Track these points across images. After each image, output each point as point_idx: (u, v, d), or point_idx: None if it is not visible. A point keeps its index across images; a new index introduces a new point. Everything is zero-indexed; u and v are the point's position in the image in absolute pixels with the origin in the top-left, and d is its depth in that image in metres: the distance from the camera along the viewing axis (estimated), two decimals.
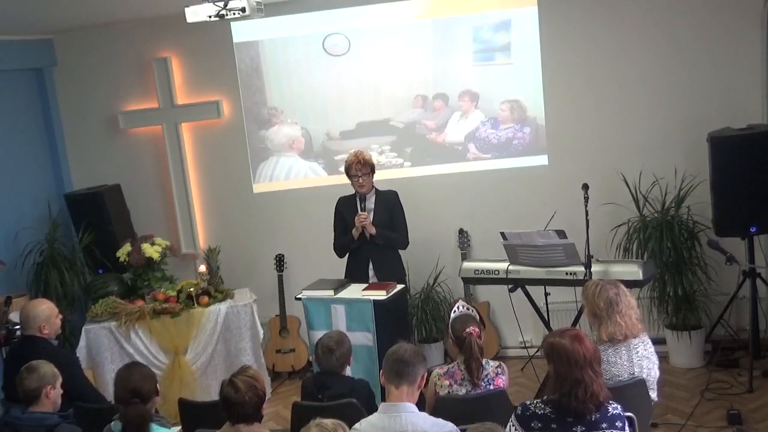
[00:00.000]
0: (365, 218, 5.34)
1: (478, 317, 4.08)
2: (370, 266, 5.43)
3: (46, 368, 3.81)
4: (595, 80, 6.13)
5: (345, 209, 5.52)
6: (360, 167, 5.35)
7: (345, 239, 5.48)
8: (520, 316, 5.64)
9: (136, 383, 3.60)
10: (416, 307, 6.30)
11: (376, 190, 5.51)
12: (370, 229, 5.35)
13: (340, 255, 5.58)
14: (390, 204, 5.48)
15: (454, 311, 4.09)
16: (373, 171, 5.44)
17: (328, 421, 2.81)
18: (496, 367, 3.92)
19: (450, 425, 3.28)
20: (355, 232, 5.38)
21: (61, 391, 3.88)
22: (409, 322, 5.94)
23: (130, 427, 3.42)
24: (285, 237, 6.74)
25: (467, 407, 3.74)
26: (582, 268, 5.02)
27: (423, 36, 6.37)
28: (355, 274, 5.44)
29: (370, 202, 5.46)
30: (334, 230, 5.59)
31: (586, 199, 5.11)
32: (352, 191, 5.60)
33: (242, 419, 3.29)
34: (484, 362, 3.87)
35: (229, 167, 6.82)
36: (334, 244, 5.58)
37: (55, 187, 6.93)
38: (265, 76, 6.64)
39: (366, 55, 6.46)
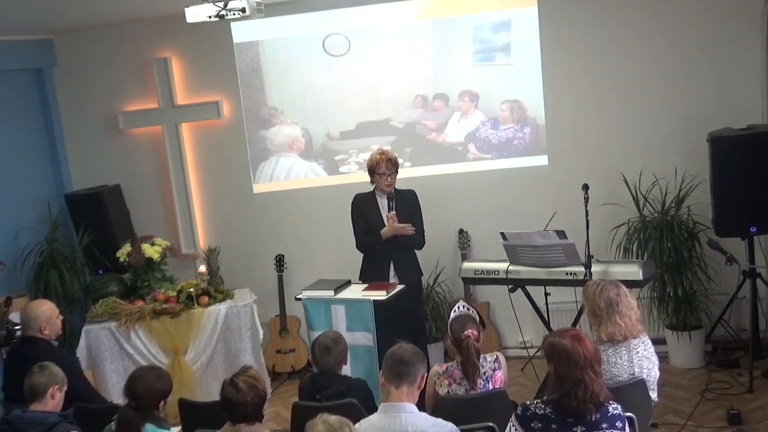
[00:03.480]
0: (393, 218, 5.29)
1: (478, 318, 4.08)
2: (391, 267, 5.39)
3: (57, 370, 3.85)
4: (595, 80, 6.13)
5: (365, 207, 5.46)
6: (390, 165, 5.33)
7: (372, 239, 5.40)
8: (520, 316, 5.65)
9: (137, 389, 3.63)
10: None
11: (396, 189, 5.47)
12: (406, 231, 5.31)
13: (366, 251, 5.52)
14: (410, 203, 5.46)
15: (454, 311, 4.08)
16: (398, 170, 5.43)
17: (334, 418, 2.82)
18: (493, 362, 3.91)
19: (450, 425, 3.28)
20: (387, 232, 5.32)
21: (64, 393, 3.88)
22: (425, 323, 5.94)
23: (120, 428, 3.55)
24: (285, 237, 6.74)
25: (467, 407, 3.74)
26: (582, 269, 5.02)
27: (423, 36, 6.37)
28: (374, 275, 5.37)
29: (392, 202, 5.41)
30: (355, 229, 5.52)
31: (586, 199, 5.11)
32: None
33: (243, 419, 3.30)
34: (481, 360, 3.87)
35: (229, 167, 6.82)
36: (357, 243, 5.50)
37: (55, 187, 6.93)
38: (265, 76, 6.64)
39: (366, 55, 6.46)
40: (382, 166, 5.33)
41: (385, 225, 5.35)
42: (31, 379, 3.80)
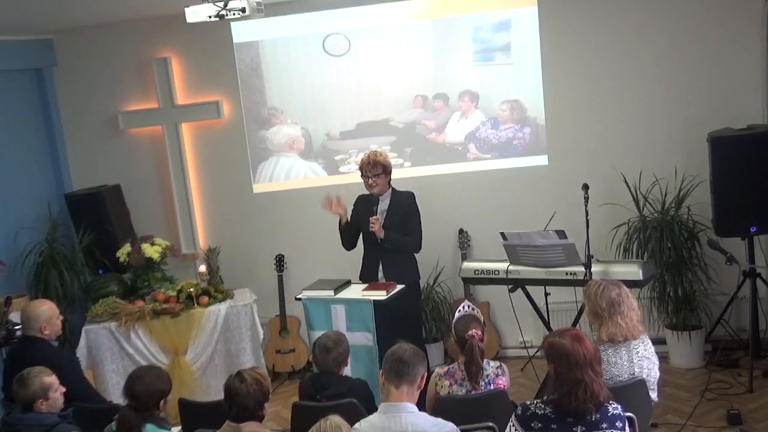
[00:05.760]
0: (374, 222, 5.28)
1: (482, 318, 4.08)
2: (380, 267, 5.39)
3: (36, 383, 3.76)
4: (595, 80, 6.13)
5: (360, 208, 5.47)
6: (370, 168, 5.28)
7: (341, 231, 5.48)
8: (520, 316, 5.64)
9: (137, 388, 3.63)
10: None
11: (393, 190, 5.43)
12: (379, 234, 5.30)
13: (346, 247, 5.56)
14: (404, 206, 5.40)
15: (459, 311, 4.08)
16: (386, 172, 5.33)
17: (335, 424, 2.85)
18: (497, 368, 3.91)
19: (450, 425, 3.28)
20: (378, 234, 5.32)
21: (59, 395, 3.85)
22: (421, 325, 5.94)
23: (121, 428, 3.55)
24: (285, 237, 6.74)
25: (467, 407, 3.74)
26: (582, 269, 5.02)
27: (423, 36, 6.37)
28: (366, 275, 5.41)
29: (384, 204, 5.39)
30: None
31: (586, 199, 5.11)
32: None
33: (243, 411, 3.29)
34: (484, 363, 3.87)
35: (229, 167, 6.82)
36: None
37: (55, 187, 6.93)
38: (265, 76, 6.64)
39: (366, 55, 6.46)
40: (363, 169, 5.34)
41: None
42: (16, 395, 3.77)
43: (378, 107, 6.50)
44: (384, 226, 5.31)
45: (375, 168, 5.28)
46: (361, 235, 5.52)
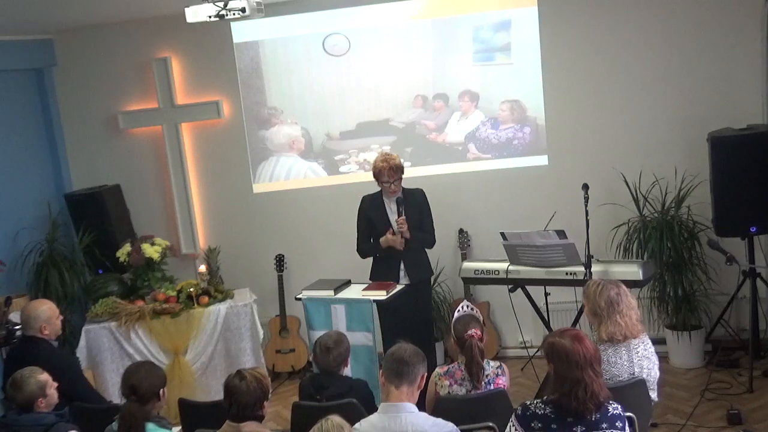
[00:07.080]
0: (402, 223, 5.27)
1: (481, 318, 4.08)
2: (402, 267, 5.38)
3: (32, 383, 3.76)
4: (595, 80, 6.13)
5: (372, 210, 5.44)
6: (392, 173, 5.29)
7: (371, 247, 5.42)
8: (520, 316, 5.64)
9: (134, 380, 3.63)
10: None
11: (403, 189, 5.44)
12: (406, 234, 5.30)
13: (364, 257, 5.53)
14: (419, 203, 5.43)
15: (458, 311, 4.09)
16: (402, 173, 5.37)
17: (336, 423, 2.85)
18: (497, 368, 3.92)
19: (450, 425, 3.28)
20: (394, 239, 5.27)
21: (54, 390, 3.85)
22: (432, 322, 5.92)
23: (123, 424, 3.52)
24: (285, 237, 6.74)
25: (467, 407, 3.74)
26: (582, 268, 5.02)
27: (423, 36, 6.37)
28: (384, 275, 5.35)
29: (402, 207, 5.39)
30: (358, 231, 5.50)
31: (586, 199, 5.11)
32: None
33: (242, 410, 3.30)
34: (484, 363, 3.87)
35: (229, 167, 6.82)
36: (357, 247, 5.50)
37: (55, 187, 6.93)
38: (265, 76, 6.64)
39: (366, 55, 6.46)
40: (384, 175, 5.31)
41: (393, 227, 5.32)
42: (13, 398, 3.77)
43: (378, 107, 6.50)
44: None
45: (396, 173, 5.32)
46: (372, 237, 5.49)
